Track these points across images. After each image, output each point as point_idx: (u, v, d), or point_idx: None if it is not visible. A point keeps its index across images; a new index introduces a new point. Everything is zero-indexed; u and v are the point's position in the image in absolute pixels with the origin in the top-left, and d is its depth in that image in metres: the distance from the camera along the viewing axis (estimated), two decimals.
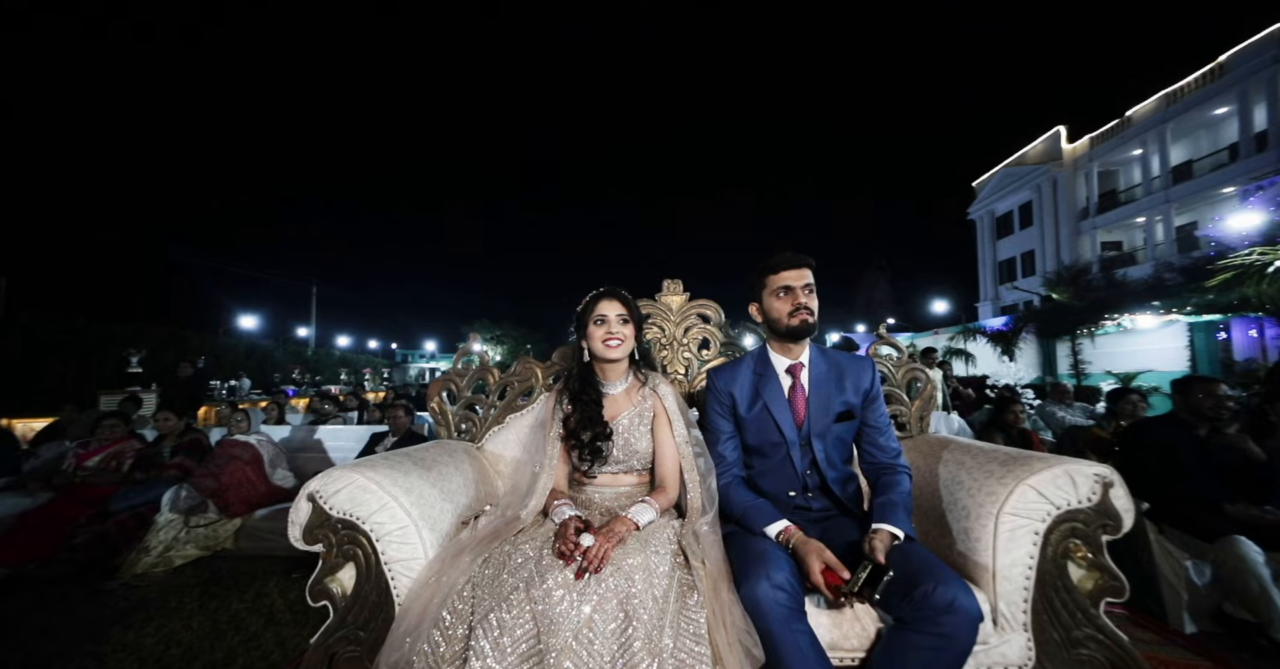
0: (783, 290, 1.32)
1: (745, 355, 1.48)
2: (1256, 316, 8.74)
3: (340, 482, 1.17)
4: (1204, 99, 15.38)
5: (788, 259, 1.32)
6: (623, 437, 1.39)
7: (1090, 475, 1.04)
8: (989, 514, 1.08)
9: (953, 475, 1.25)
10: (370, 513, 1.17)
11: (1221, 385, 2.46)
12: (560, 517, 1.22)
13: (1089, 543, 1.03)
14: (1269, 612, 1.79)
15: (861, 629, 1.06)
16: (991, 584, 1.05)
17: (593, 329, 1.40)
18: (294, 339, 22.83)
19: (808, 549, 1.08)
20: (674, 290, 1.90)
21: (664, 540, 1.15)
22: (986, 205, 23.73)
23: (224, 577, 2.67)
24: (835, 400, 1.32)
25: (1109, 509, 1.03)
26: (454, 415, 1.85)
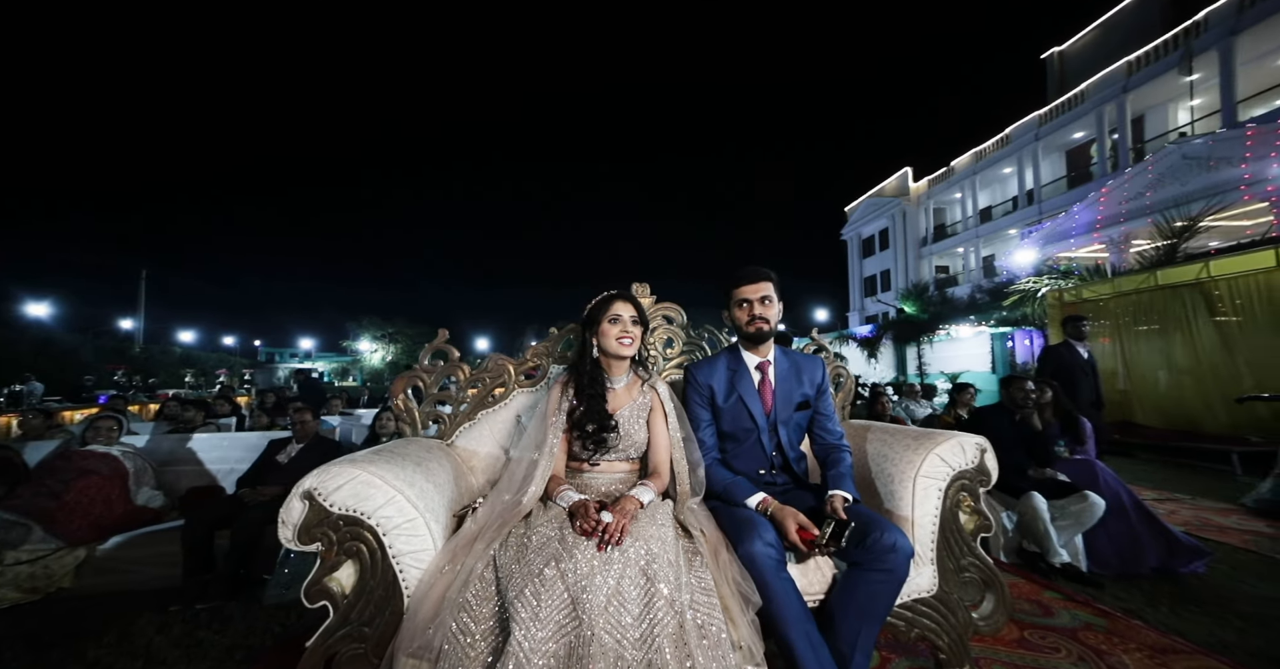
0: (743, 302, 1.56)
1: (720, 353, 1.70)
2: (1029, 329, 11.60)
3: (341, 478, 1.14)
4: (997, 160, 19.83)
5: (746, 274, 1.56)
6: (624, 428, 1.52)
7: (974, 444, 1.44)
8: (908, 477, 1.42)
9: (878, 450, 1.59)
10: (376, 507, 1.15)
11: (1028, 382, 3.33)
12: (567, 501, 1.31)
13: (972, 494, 1.42)
14: (1047, 543, 2.51)
15: (822, 576, 1.33)
16: (911, 531, 1.38)
17: (606, 326, 1.52)
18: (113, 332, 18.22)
19: (784, 514, 1.32)
20: (642, 293, 2.05)
21: (666, 516, 1.31)
22: (855, 228, 27.67)
23: (62, 623, 2.16)
24: (796, 392, 1.59)
25: (985, 468, 1.43)
26: (421, 413, 1.79)
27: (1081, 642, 1.71)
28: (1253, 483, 4.38)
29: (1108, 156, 15.63)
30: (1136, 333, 6.64)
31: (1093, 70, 16.13)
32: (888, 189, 25.60)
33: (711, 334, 2.07)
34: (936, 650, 1.36)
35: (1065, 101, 16.96)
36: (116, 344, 16.87)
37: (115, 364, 15.28)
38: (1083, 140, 17.35)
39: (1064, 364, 3.98)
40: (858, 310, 27.09)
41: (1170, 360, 6.19)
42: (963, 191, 21.78)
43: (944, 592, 1.37)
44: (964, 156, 21.60)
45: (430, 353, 1.84)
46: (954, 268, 23.45)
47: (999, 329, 12.32)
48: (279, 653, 1.82)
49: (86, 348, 14.81)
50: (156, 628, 2.17)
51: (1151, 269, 6.77)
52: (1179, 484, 4.52)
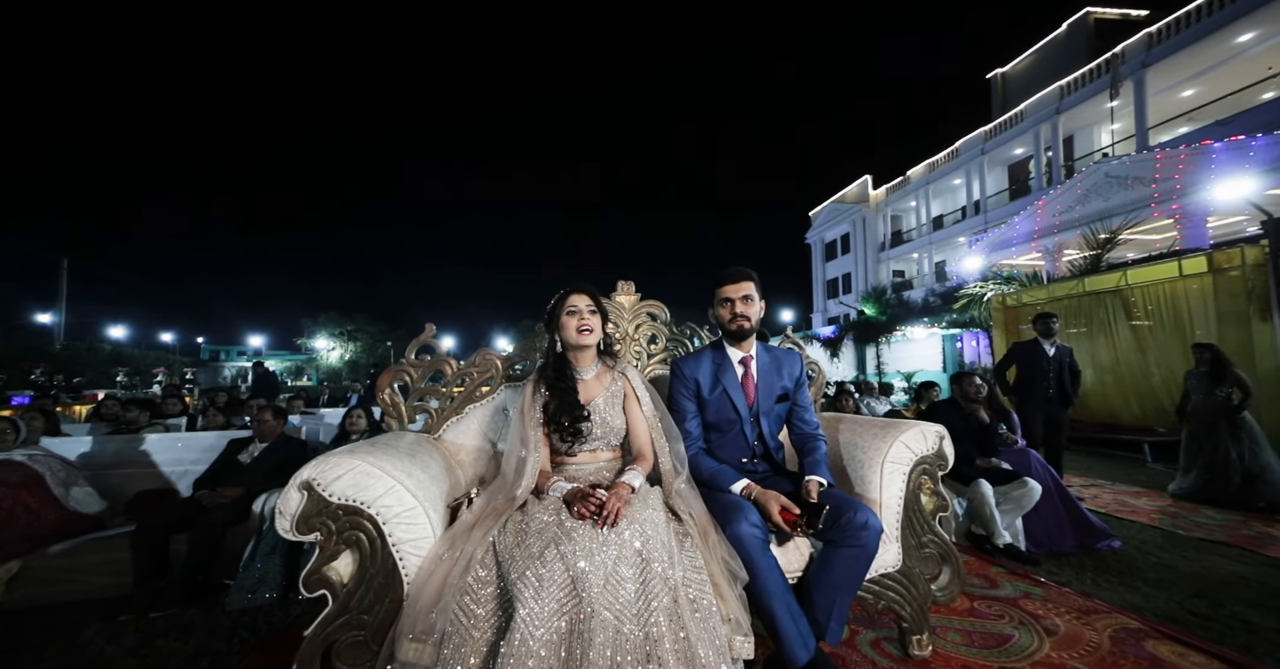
0: (725, 300, 1.66)
1: (706, 348, 1.79)
2: (976, 331, 12.48)
3: (340, 468, 1.14)
4: (948, 171, 21.08)
5: (729, 274, 1.66)
6: (600, 416, 1.57)
7: (934, 432, 1.59)
8: (876, 463, 1.56)
9: (849, 439, 1.73)
10: (376, 497, 1.16)
11: (976, 378, 3.61)
12: (561, 490, 1.36)
13: (932, 478, 1.57)
14: (992, 526, 2.76)
15: (800, 555, 1.44)
16: (879, 511, 1.51)
17: (565, 320, 1.56)
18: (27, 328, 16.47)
19: (767, 498, 1.42)
20: (626, 291, 2.12)
21: (657, 501, 1.38)
22: (819, 232, 28.68)
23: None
24: (776, 385, 1.70)
25: (943, 454, 1.59)
26: (407, 407, 1.78)
27: (1022, 608, 1.92)
28: (1161, 469, 4.93)
29: (1043, 172, 16.93)
30: (1068, 335, 7.25)
31: (1031, 91, 17.45)
32: (849, 195, 26.68)
33: (694, 330, 2.16)
34: (900, 620, 1.50)
35: (1007, 120, 18.24)
36: (32, 341, 15.34)
37: (33, 362, 13.93)
38: (1022, 156, 18.72)
39: (1021, 361, 4.14)
40: (821, 312, 28.10)
41: (1095, 360, 6.79)
42: (917, 200, 23.00)
43: (907, 566, 1.51)
44: (919, 167, 22.81)
45: (416, 347, 1.83)
46: (909, 272, 24.71)
47: (949, 331, 13.17)
48: (259, 654, 1.77)
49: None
50: (106, 638, 2.05)
51: (1080, 277, 7.41)
52: (1101, 472, 5.01)
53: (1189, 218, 9.87)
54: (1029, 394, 3.99)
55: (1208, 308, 5.55)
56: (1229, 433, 3.86)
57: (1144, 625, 1.78)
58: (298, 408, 6.28)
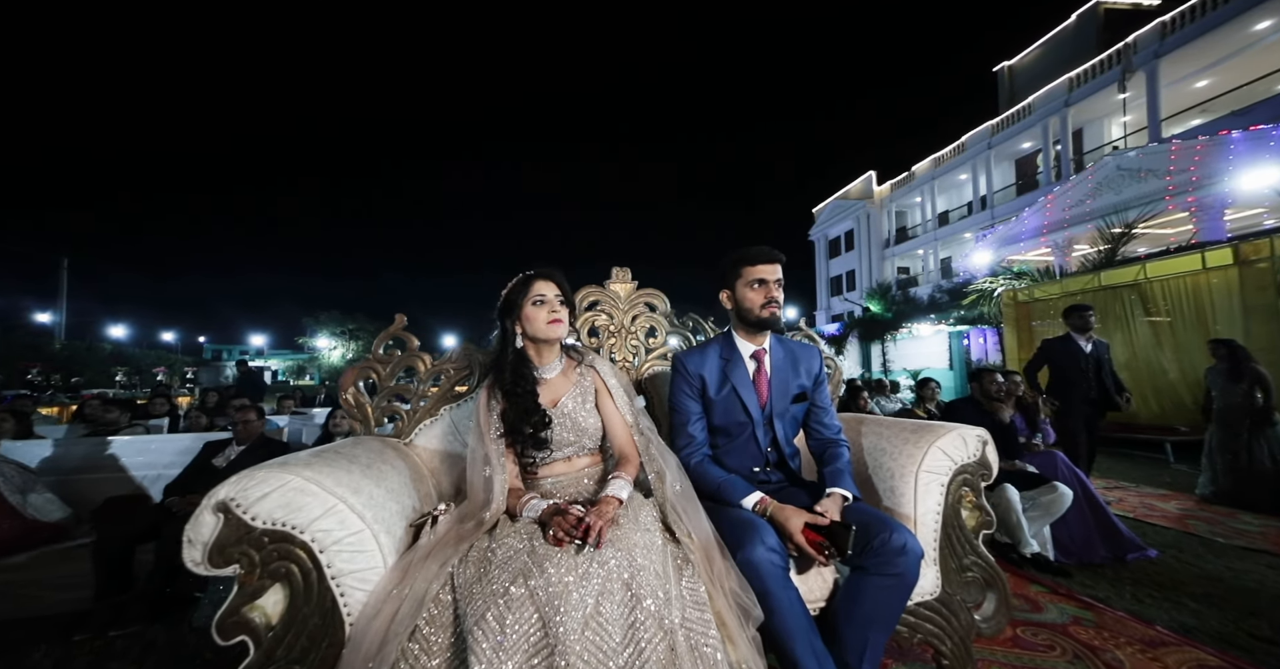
0: (758, 282, 1.42)
1: (712, 341, 1.57)
2: (983, 328, 12.23)
3: (267, 484, 0.93)
4: (954, 167, 20.75)
5: (765, 253, 1.42)
6: (570, 418, 1.36)
7: (975, 436, 1.37)
8: (910, 472, 1.34)
9: (874, 444, 1.51)
10: (311, 519, 0.95)
11: (996, 375, 3.39)
12: (535, 510, 1.16)
13: (974, 489, 1.35)
14: (1019, 534, 2.54)
15: (822, 581, 1.22)
16: (914, 530, 1.30)
17: (531, 310, 1.34)
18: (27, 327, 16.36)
19: (786, 515, 1.20)
20: (622, 278, 1.91)
21: (650, 517, 1.17)
22: (822, 229, 28.41)
23: None
24: (792, 384, 1.48)
25: (986, 461, 1.37)
26: (375, 408, 1.58)
27: (1074, 637, 1.69)
28: (1185, 470, 4.70)
29: (1052, 166, 16.62)
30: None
31: (1039, 84, 17.11)
32: (853, 192, 26.37)
33: (697, 323, 1.95)
34: (939, 656, 1.29)
35: (1014, 113, 17.92)
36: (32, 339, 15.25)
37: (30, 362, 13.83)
38: (1030, 150, 18.40)
39: (1055, 360, 3.71)
40: (824, 309, 27.86)
41: (1112, 356, 6.61)
42: (923, 196, 22.68)
43: (946, 594, 1.30)
44: (924, 162, 22.49)
45: (386, 341, 1.63)
46: (914, 269, 24.41)
47: (957, 327, 12.92)
48: None
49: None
50: (55, 661, 1.86)
51: (1095, 271, 7.18)
52: (1123, 473, 4.78)
53: (1205, 210, 9.59)
54: (1067, 396, 3.59)
55: (1232, 302, 5.33)
56: (1255, 433, 3.64)
57: (1225, 664, 1.53)
58: (289, 408, 6.11)
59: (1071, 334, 3.72)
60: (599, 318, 1.86)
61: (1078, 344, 3.65)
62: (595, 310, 1.86)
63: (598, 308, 1.86)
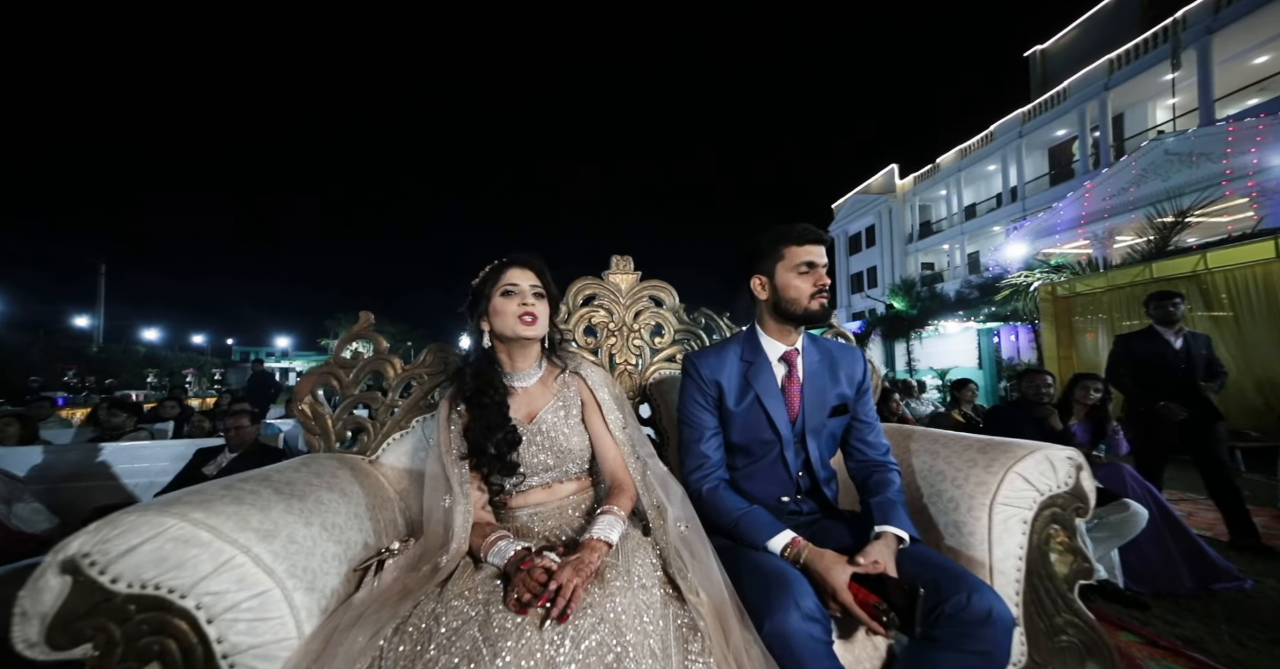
0: (806, 266, 1.14)
1: (731, 339, 1.29)
2: (1015, 325, 11.58)
3: (136, 533, 0.70)
4: (981, 157, 19.84)
5: (813, 232, 1.15)
6: (548, 436, 1.11)
7: (1066, 459, 1.08)
8: (982, 505, 1.06)
9: (929, 465, 1.23)
10: (197, 579, 0.72)
11: (1046, 376, 3.03)
12: (501, 557, 0.91)
13: (1066, 527, 1.06)
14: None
15: (874, 649, 0.95)
16: (989, 580, 1.02)
17: (500, 302, 1.10)
18: (67, 331, 17.17)
19: (825, 563, 0.93)
20: (623, 268, 1.66)
21: (647, 566, 0.91)
22: (841, 225, 27.66)
23: None
24: (830, 393, 1.19)
25: (1082, 491, 1.07)
26: (336, 420, 1.36)
27: None
28: (1260, 480, 4.21)
29: (1089, 154, 15.72)
30: (1128, 328, 6.56)
31: (1074, 68, 16.19)
32: (874, 186, 25.59)
33: (710, 319, 1.69)
34: None
35: (1047, 99, 17.02)
36: (72, 343, 15.90)
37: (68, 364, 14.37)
38: (1065, 138, 17.46)
39: (1139, 358, 3.04)
40: (845, 307, 27.14)
41: None
42: (948, 189, 21.82)
43: (1035, 664, 1.00)
44: (949, 153, 21.62)
45: (349, 342, 1.41)
46: (939, 264, 23.53)
47: (986, 325, 12.29)
48: None
49: (37, 347, 13.87)
50: None
51: (1146, 262, 6.63)
52: (1187, 483, 4.31)
53: (1269, 195, 8.84)
54: (1152, 403, 2.96)
55: None
56: None
57: None
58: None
59: (1154, 327, 3.04)
60: (596, 314, 1.61)
61: (1164, 339, 2.98)
62: (592, 306, 1.61)
63: (595, 303, 1.62)
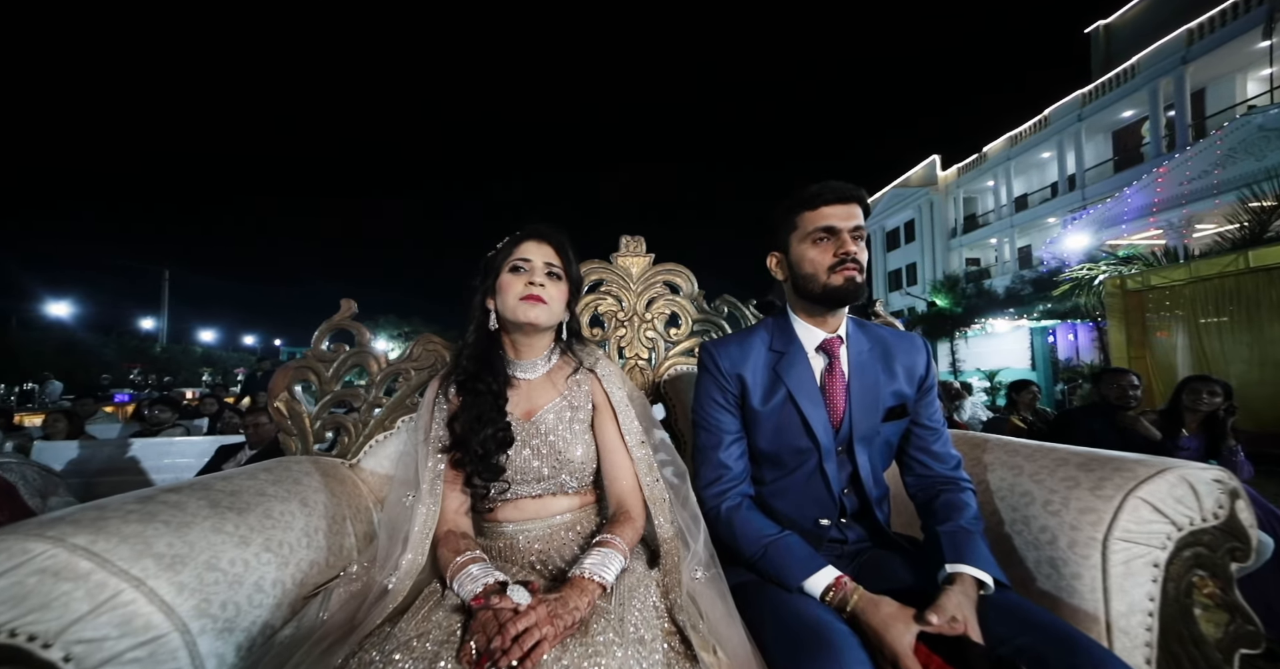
0: (824, 233, 0.91)
1: (758, 326, 1.06)
2: (1074, 323, 10.63)
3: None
4: (1034, 144, 18.47)
5: (832, 190, 0.91)
6: (546, 441, 0.93)
7: (1212, 483, 0.80)
8: (1091, 539, 0.80)
9: (1011, 484, 0.97)
10: (67, 623, 0.57)
11: (1131, 376, 2.63)
12: (468, 588, 0.72)
13: (1216, 575, 0.78)
14: None
15: None
16: (1106, 641, 0.76)
17: (507, 278, 0.94)
18: (134, 332, 18.68)
19: (882, 616, 0.70)
20: (634, 250, 1.46)
21: (648, 613, 0.72)
22: (879, 221, 26.49)
23: None
24: (885, 390, 0.95)
25: (1237, 528, 0.79)
26: (313, 419, 1.23)
27: None
28: None
29: (1162, 135, 14.35)
30: (1218, 323, 5.86)
31: (1144, 43, 14.80)
32: (913, 179, 24.39)
33: (733, 308, 1.47)
34: None
35: (1112, 78, 15.65)
36: (138, 343, 17.18)
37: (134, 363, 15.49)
38: (1133, 119, 16.03)
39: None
40: (882, 306, 26.10)
41: (1261, 353, 5.45)
42: (995, 179, 20.50)
43: None
44: (997, 142, 20.31)
45: (328, 334, 1.28)
46: (985, 260, 22.15)
47: (1040, 322, 11.37)
48: None
49: (109, 347, 15.05)
50: None
51: (1240, 250, 5.89)
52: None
53: None
54: None
55: None
56: None
57: None
58: None
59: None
60: (603, 302, 1.42)
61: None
62: (598, 292, 1.42)
63: (601, 289, 1.43)
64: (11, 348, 11.75)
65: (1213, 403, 2.28)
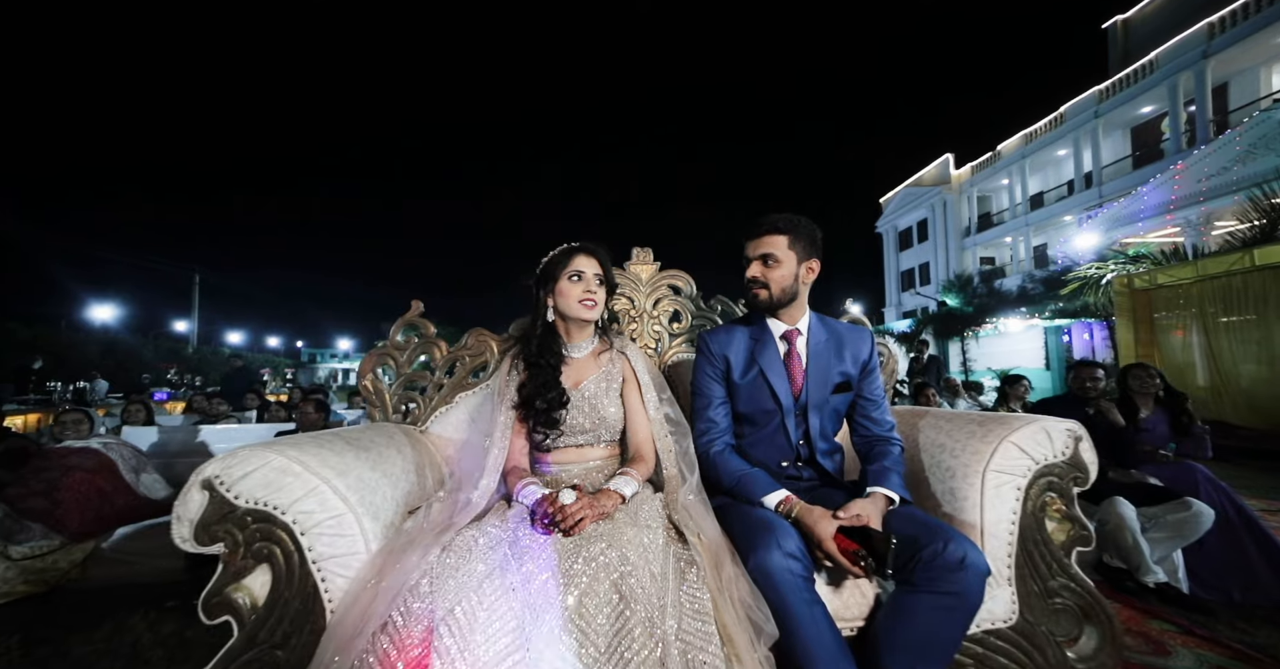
0: (746, 260, 1.28)
1: (741, 319, 1.42)
2: (1089, 321, 10.60)
3: (250, 463, 0.92)
4: (1050, 141, 18.23)
5: (750, 227, 1.28)
6: (589, 403, 1.27)
7: (1064, 430, 1.10)
8: (975, 472, 1.10)
9: (932, 440, 1.27)
10: (293, 500, 0.93)
11: (1097, 369, 2.85)
12: (530, 497, 1.07)
13: (1063, 496, 1.08)
14: (1138, 558, 2.08)
15: (861, 596, 1.03)
16: (980, 541, 1.06)
17: (566, 284, 1.27)
18: (169, 334, 19.66)
19: (814, 517, 1.02)
20: (643, 259, 1.80)
21: (653, 514, 1.05)
22: (891, 220, 26.38)
23: (61, 616, 2.10)
24: (834, 371, 1.28)
25: (1080, 462, 1.09)
26: (392, 395, 1.59)
27: None
28: None
29: (1182, 131, 14.16)
30: (1226, 322, 5.91)
31: (1164, 37, 14.63)
32: (926, 178, 24.24)
33: (726, 306, 1.79)
34: None
35: (1131, 73, 15.47)
36: (172, 345, 18.05)
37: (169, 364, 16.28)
38: (1152, 115, 15.81)
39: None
40: (894, 305, 25.86)
41: (1269, 351, 5.48)
42: (1010, 177, 20.32)
43: (1026, 622, 1.04)
44: (1012, 140, 20.14)
45: (401, 327, 1.64)
46: (1000, 259, 21.96)
47: (1055, 322, 11.35)
48: None
49: (147, 348, 15.87)
50: (148, 625, 2.07)
51: (1246, 248, 5.94)
52: None
53: None
54: None
55: None
56: None
57: None
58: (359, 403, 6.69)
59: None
60: (618, 302, 1.76)
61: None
62: (614, 294, 1.76)
63: (616, 292, 1.77)
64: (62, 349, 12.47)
65: (1153, 384, 2.51)
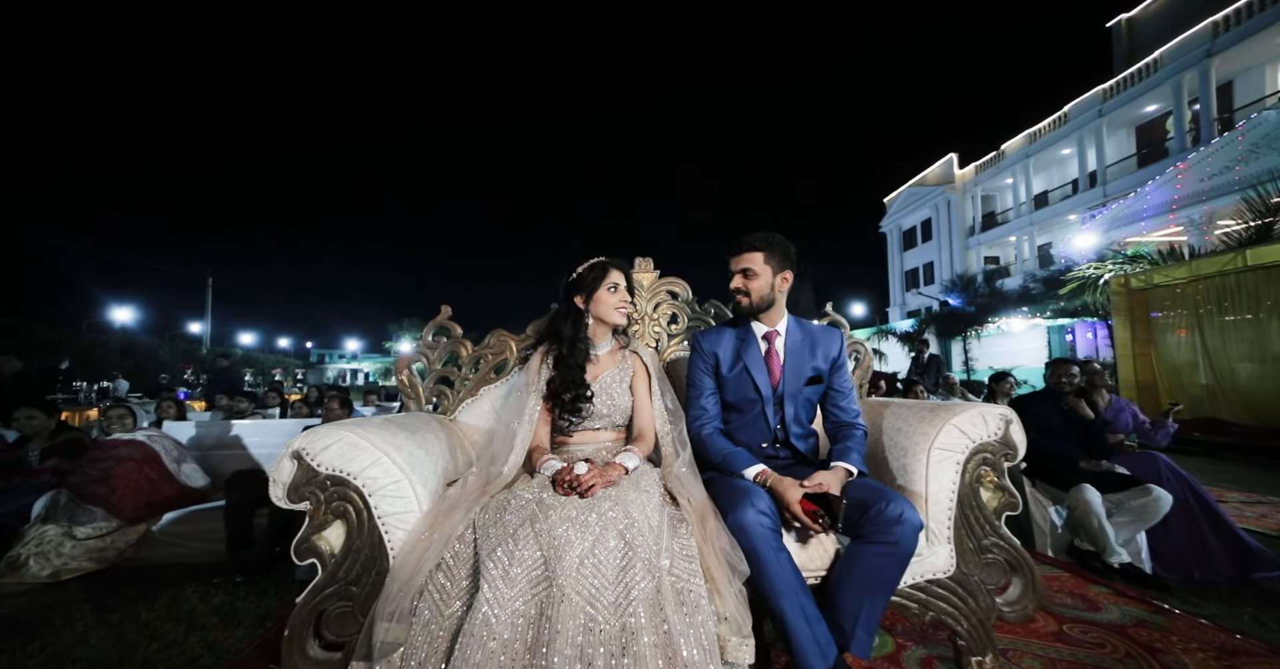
0: (729, 273, 1.52)
1: (730, 321, 1.65)
2: (1092, 321, 10.65)
3: (328, 439, 1.16)
4: (1053, 141, 18.26)
5: (734, 244, 1.50)
6: (606, 393, 1.51)
7: (997, 415, 1.31)
8: (922, 449, 1.31)
9: (892, 425, 1.48)
10: (362, 468, 1.17)
11: (1072, 366, 3.03)
12: (551, 469, 1.31)
13: (995, 469, 1.29)
14: (1103, 540, 2.27)
15: (824, 551, 1.24)
16: (925, 507, 1.27)
17: (605, 295, 1.52)
18: (183, 335, 20.16)
19: (784, 485, 1.24)
20: (645, 268, 2.01)
21: (652, 482, 1.28)
22: (895, 220, 26.41)
23: (124, 588, 2.37)
24: (807, 366, 1.50)
25: (1010, 440, 1.30)
26: (425, 388, 1.82)
27: (1132, 638, 1.53)
28: None
29: (1187, 130, 14.16)
30: (1220, 321, 6.00)
31: (1168, 36, 14.65)
32: (930, 177, 24.28)
33: (719, 309, 2.00)
34: (955, 636, 1.24)
35: (1136, 72, 15.49)
36: (186, 346, 18.51)
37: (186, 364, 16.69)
38: (1156, 114, 15.82)
39: None
40: (898, 305, 25.89)
41: (1262, 350, 5.57)
42: (1014, 177, 20.35)
43: (962, 573, 1.25)
44: (1016, 139, 20.16)
45: (433, 329, 1.87)
46: (1005, 258, 21.97)
47: (1057, 321, 11.43)
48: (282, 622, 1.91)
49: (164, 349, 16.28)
50: (200, 596, 2.33)
51: (1240, 249, 6.04)
52: (1272, 486, 4.02)
53: None
54: None
55: None
56: None
57: None
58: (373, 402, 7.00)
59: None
60: None
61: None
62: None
63: None
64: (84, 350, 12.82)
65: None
